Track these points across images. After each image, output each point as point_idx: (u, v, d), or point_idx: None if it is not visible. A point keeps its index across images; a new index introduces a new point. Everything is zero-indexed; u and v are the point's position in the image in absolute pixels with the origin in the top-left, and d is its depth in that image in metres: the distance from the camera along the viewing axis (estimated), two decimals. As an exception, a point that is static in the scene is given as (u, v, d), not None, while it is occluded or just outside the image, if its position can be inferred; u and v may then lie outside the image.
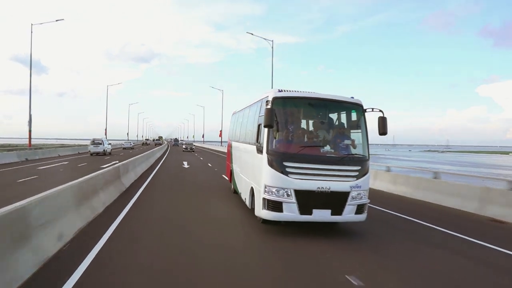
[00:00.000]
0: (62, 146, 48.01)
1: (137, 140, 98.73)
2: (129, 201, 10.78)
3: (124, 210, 9.52)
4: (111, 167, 12.88)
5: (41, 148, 37.18)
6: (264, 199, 7.32)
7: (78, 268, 5.20)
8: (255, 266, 5.85)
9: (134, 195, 12.02)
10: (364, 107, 7.89)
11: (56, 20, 34.31)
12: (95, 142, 39.99)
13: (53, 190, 6.52)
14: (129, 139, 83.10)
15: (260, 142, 7.81)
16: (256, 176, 8.09)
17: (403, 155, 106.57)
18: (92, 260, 5.59)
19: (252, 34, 35.19)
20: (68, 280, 4.76)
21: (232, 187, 12.59)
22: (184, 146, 56.25)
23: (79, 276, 4.94)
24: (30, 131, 34.94)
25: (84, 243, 6.42)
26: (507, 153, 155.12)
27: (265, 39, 33.79)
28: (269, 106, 7.23)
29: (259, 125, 8.13)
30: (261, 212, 7.48)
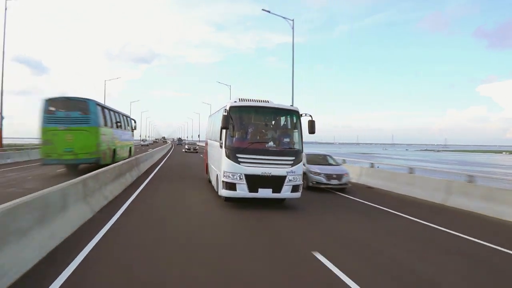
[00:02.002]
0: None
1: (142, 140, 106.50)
2: (166, 156, 33.85)
3: (165, 158, 31.13)
4: (155, 149, 31.19)
5: None
6: (223, 181, 9.35)
7: (140, 186, 12.68)
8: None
9: (167, 155, 36.67)
10: (300, 113, 9.91)
11: (117, 78, 56.92)
12: (143, 140, 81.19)
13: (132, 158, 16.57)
14: (145, 139, 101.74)
15: (221, 140, 9.69)
16: (219, 165, 10.01)
17: (397, 154, 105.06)
18: (145, 184, 13.12)
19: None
20: (140, 187, 12.17)
21: (208, 178, 14.54)
22: (186, 147, 48.72)
23: (144, 186, 12.62)
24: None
25: (145, 174, 16.47)
26: (500, 152, 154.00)
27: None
28: (225, 113, 9.23)
29: (221, 127, 9.76)
30: (221, 191, 9.52)
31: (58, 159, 14.57)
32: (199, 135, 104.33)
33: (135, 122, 25.36)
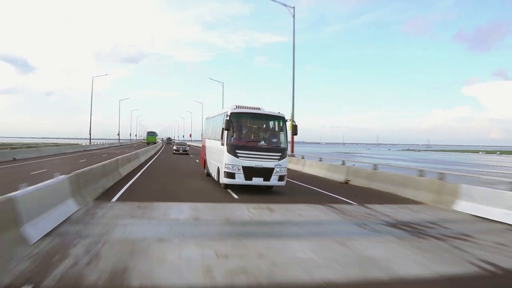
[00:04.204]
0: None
1: (131, 140, 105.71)
2: (161, 149, 49.90)
3: (161, 149, 49.98)
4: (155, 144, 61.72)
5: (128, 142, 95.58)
6: (224, 171, 11.43)
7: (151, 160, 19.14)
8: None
9: (161, 149, 52.49)
10: (286, 118, 12.22)
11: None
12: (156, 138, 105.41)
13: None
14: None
15: (223, 139, 11.73)
16: (220, 159, 12.04)
17: (377, 154, 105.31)
18: (154, 160, 23.33)
19: None
20: (155, 156, 28.14)
21: (205, 171, 16.40)
22: (175, 148, 40.83)
23: (153, 159, 21.03)
24: (119, 134, 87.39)
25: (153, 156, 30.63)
26: (477, 151, 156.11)
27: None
28: (227, 118, 11.35)
29: (222, 128, 11.80)
30: (223, 179, 11.63)
31: (147, 142, 78.40)
32: (190, 135, 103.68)
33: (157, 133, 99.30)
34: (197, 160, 24.16)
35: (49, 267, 4.44)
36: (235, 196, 11.01)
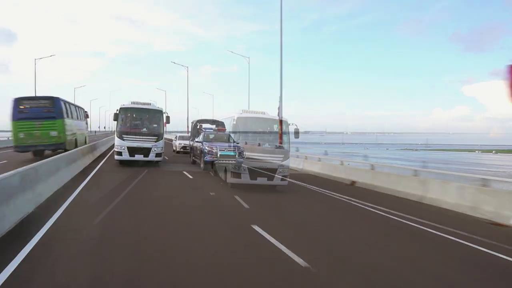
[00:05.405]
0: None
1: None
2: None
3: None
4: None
5: None
6: (231, 171, 12.25)
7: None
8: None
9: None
10: (288, 122, 13.26)
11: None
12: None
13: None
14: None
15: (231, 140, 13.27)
16: (228, 161, 12.57)
17: (373, 153, 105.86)
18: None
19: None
20: None
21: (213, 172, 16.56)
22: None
23: None
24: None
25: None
26: (473, 151, 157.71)
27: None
28: (234, 122, 12.90)
29: (230, 131, 13.29)
30: (230, 179, 12.41)
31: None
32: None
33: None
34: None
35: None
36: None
